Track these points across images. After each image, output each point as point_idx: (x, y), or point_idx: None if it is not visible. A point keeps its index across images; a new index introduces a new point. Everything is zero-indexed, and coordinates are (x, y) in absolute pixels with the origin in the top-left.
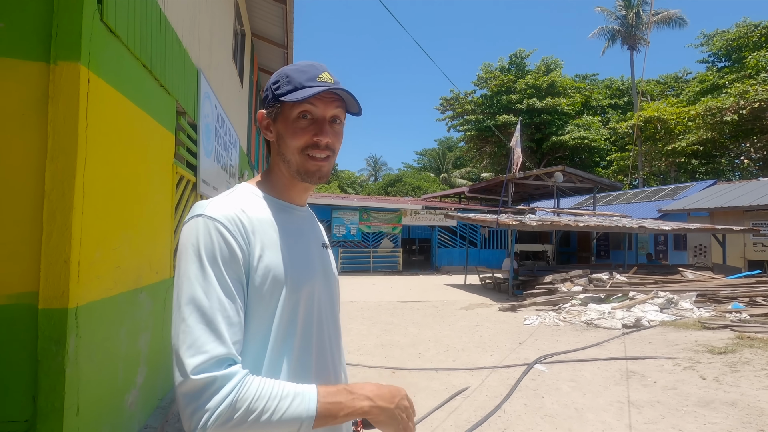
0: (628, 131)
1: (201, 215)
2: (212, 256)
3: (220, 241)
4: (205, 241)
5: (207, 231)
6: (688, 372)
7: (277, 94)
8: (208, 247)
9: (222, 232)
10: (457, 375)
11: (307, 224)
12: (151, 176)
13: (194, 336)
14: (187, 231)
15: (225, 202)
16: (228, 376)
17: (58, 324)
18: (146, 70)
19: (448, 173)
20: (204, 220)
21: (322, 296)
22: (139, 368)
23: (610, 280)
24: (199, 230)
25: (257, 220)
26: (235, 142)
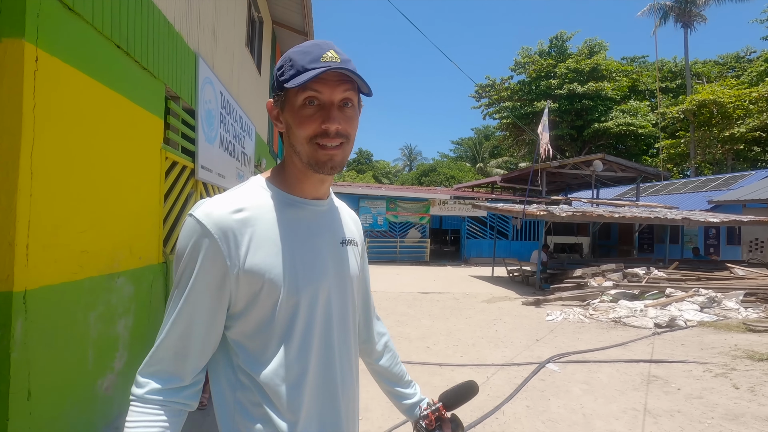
0: (680, 116)
1: (191, 215)
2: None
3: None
4: (189, 246)
5: (191, 234)
6: (719, 379)
7: (281, 81)
8: (190, 253)
9: (205, 236)
10: (461, 371)
11: (323, 220)
12: (130, 160)
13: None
14: (181, 230)
15: (221, 201)
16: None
17: (2, 308)
18: (122, 52)
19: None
20: (192, 221)
21: (332, 300)
22: (117, 353)
23: (647, 276)
24: (185, 234)
25: (256, 220)
26: (250, 129)
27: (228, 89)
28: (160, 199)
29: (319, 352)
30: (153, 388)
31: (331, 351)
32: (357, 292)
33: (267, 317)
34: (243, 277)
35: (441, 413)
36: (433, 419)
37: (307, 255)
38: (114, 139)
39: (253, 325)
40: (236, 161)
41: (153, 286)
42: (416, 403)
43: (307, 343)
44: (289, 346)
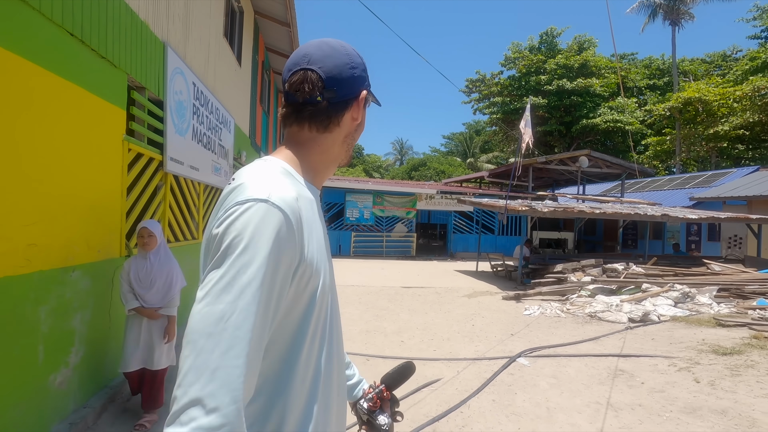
0: (666, 114)
1: (266, 201)
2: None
3: (284, 239)
4: (272, 237)
5: (275, 224)
6: (682, 373)
7: (367, 83)
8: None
9: (287, 227)
10: (433, 366)
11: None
12: (85, 151)
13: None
14: (245, 218)
15: (283, 186)
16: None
17: None
18: (76, 40)
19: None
20: (269, 208)
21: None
22: (73, 348)
23: (625, 271)
24: (266, 220)
25: (305, 207)
26: (228, 122)
27: (203, 80)
28: (122, 192)
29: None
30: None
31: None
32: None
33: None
34: (300, 267)
35: (384, 394)
36: (377, 400)
37: (325, 243)
38: (66, 130)
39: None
40: (212, 154)
41: (114, 279)
42: (355, 385)
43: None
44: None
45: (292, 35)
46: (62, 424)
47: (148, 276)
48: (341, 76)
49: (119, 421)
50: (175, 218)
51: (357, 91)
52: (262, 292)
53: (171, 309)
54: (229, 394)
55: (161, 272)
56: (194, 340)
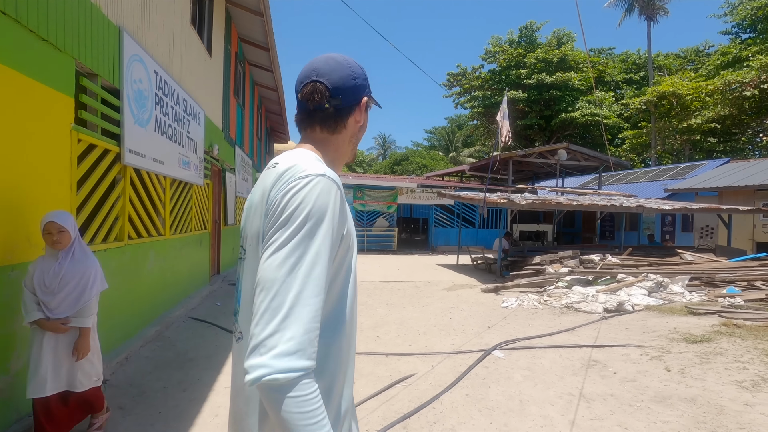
0: (641, 107)
1: (324, 175)
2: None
3: (338, 207)
4: (332, 204)
5: (333, 194)
6: (654, 362)
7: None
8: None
9: (341, 197)
10: (407, 360)
11: None
12: (24, 142)
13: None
14: (310, 191)
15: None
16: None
17: None
18: (10, 19)
19: (457, 152)
20: (328, 182)
21: None
22: (14, 352)
23: (602, 262)
24: (329, 192)
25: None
26: (197, 113)
27: (167, 69)
28: (72, 185)
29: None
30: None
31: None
32: None
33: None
34: (346, 235)
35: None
36: None
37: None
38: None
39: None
40: (179, 146)
41: None
42: None
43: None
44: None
45: (266, 25)
46: None
47: (55, 279)
48: (345, 86)
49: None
50: (137, 213)
51: (359, 98)
52: (324, 247)
53: (84, 320)
54: (303, 326)
55: (74, 274)
56: (269, 287)
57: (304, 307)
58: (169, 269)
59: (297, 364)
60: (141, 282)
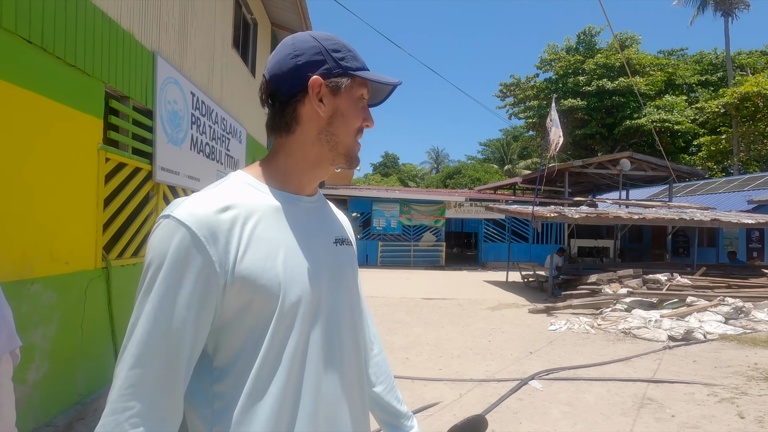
0: (719, 110)
1: (168, 216)
2: (175, 273)
3: (187, 254)
4: (169, 252)
5: (173, 239)
6: (724, 405)
7: (344, 66)
8: (172, 259)
9: (192, 240)
10: (434, 387)
11: (316, 217)
12: (49, 160)
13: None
14: (152, 236)
15: (203, 199)
16: None
17: None
18: (37, 48)
19: (512, 164)
20: (169, 223)
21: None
22: (33, 364)
23: (669, 283)
24: (165, 238)
25: (244, 219)
26: (238, 132)
27: (205, 91)
28: (98, 203)
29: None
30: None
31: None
32: (357, 295)
33: (258, 330)
34: (232, 284)
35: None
36: None
37: (304, 256)
38: (23, 139)
39: (240, 340)
40: (217, 164)
41: (87, 292)
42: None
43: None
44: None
45: None
46: None
47: None
48: (282, 70)
49: None
50: None
51: (304, 80)
52: (162, 308)
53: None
54: (109, 406)
55: None
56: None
57: (116, 381)
58: None
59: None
60: None
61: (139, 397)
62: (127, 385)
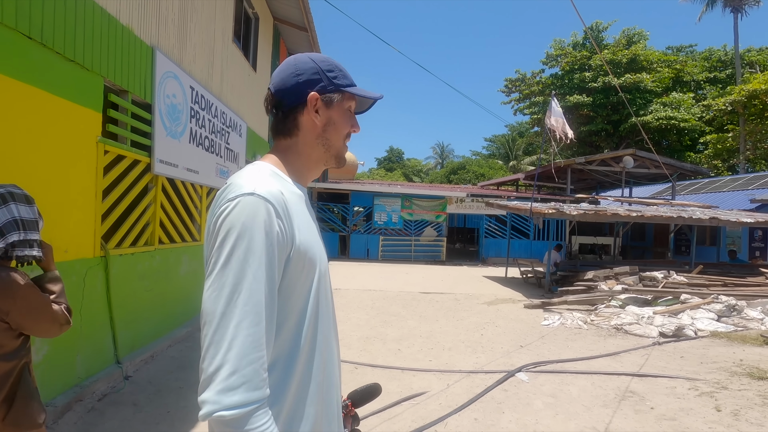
0: (726, 108)
1: (252, 194)
2: (268, 241)
3: (273, 225)
4: (262, 224)
5: (262, 213)
6: (703, 399)
7: (336, 83)
8: (265, 231)
9: (275, 214)
10: (423, 377)
11: (309, 205)
12: (49, 153)
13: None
14: (236, 211)
15: (269, 182)
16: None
17: None
18: (35, 43)
19: (517, 160)
20: (257, 200)
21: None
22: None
23: (665, 280)
24: (255, 211)
25: (291, 201)
26: (238, 125)
27: (205, 85)
28: (96, 193)
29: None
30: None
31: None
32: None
33: (305, 295)
34: (294, 255)
35: (349, 410)
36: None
37: (317, 236)
38: (23, 131)
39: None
40: (216, 157)
41: (86, 279)
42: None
43: (330, 315)
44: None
45: (312, 39)
46: None
47: None
48: (285, 86)
49: (84, 420)
50: (170, 219)
51: (303, 95)
52: (260, 272)
53: None
54: (245, 357)
55: None
56: (210, 320)
57: (246, 337)
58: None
59: (243, 398)
60: (172, 285)
61: (262, 348)
62: (253, 339)
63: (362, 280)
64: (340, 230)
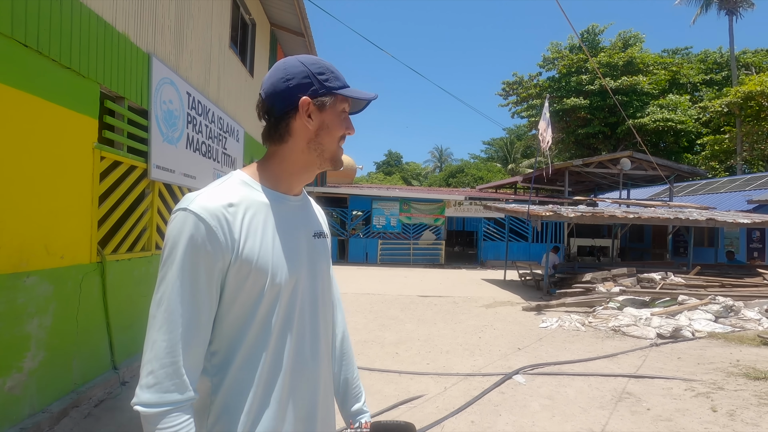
0: (723, 110)
1: (185, 209)
2: (192, 255)
3: (202, 238)
4: (186, 238)
5: (189, 227)
6: (699, 399)
7: (328, 86)
8: (189, 245)
9: (205, 228)
10: (420, 380)
11: (300, 214)
12: (45, 160)
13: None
14: (171, 226)
15: (212, 194)
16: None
17: None
18: (31, 51)
19: (516, 163)
20: (187, 215)
21: (305, 291)
22: (28, 353)
23: (663, 281)
24: (183, 226)
25: (244, 212)
26: (235, 131)
27: (202, 91)
28: (93, 199)
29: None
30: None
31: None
32: (328, 282)
33: (251, 301)
34: (235, 263)
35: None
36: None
37: (288, 247)
38: (21, 138)
39: (237, 309)
40: (213, 162)
41: (83, 285)
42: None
43: (283, 335)
44: (269, 333)
45: (308, 44)
46: (12, 429)
47: None
48: (276, 91)
49: (80, 426)
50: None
51: (294, 100)
52: (184, 282)
53: None
54: (159, 360)
55: None
56: (148, 322)
57: (162, 342)
58: None
59: (155, 398)
60: None
61: (177, 354)
62: (168, 345)
63: (361, 284)
64: (339, 234)
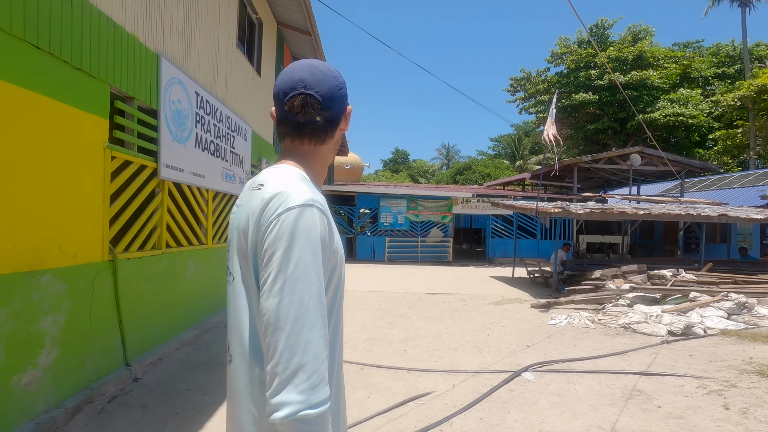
0: (735, 104)
1: (312, 206)
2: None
3: (325, 233)
4: (319, 233)
5: (319, 222)
6: (711, 397)
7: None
8: (321, 239)
9: (327, 223)
10: (429, 377)
11: None
12: (57, 160)
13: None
14: (298, 222)
15: (310, 189)
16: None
17: None
18: (43, 53)
19: (524, 160)
20: (314, 210)
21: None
22: (43, 350)
23: (674, 278)
24: (313, 221)
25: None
26: (243, 130)
27: (210, 90)
28: (104, 199)
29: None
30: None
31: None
32: None
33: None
34: (333, 254)
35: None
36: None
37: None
38: (33, 139)
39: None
40: (222, 161)
41: (95, 283)
42: None
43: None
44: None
45: (315, 43)
46: (29, 424)
47: None
48: (334, 97)
49: (94, 421)
50: (176, 223)
51: (345, 107)
52: (319, 279)
53: None
54: (319, 359)
55: None
56: (282, 325)
57: (319, 338)
58: (211, 276)
59: (324, 394)
60: (179, 288)
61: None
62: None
63: (368, 282)
64: (347, 232)
